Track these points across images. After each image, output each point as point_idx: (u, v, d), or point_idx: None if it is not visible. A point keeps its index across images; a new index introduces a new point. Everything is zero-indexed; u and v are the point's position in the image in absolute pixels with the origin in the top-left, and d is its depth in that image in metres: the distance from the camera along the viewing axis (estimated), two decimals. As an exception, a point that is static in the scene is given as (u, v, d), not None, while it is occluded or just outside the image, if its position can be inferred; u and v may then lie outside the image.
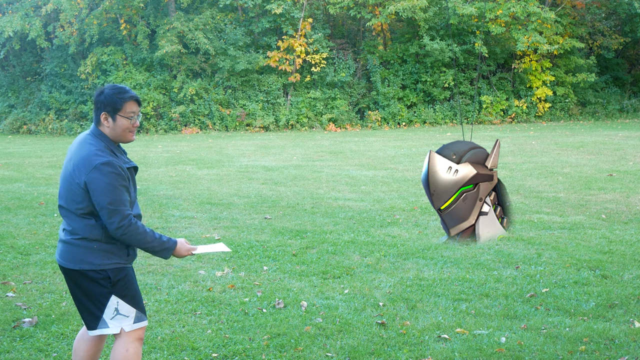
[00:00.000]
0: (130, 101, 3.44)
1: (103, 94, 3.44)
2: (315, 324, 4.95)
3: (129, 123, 3.45)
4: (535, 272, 6.10)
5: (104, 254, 3.42)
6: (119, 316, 3.47)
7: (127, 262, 3.51)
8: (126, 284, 3.49)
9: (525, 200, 9.58)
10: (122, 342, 3.50)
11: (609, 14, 27.20)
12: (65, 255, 3.46)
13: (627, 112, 26.86)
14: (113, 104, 3.42)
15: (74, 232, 3.42)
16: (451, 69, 24.95)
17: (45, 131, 25.51)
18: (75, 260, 3.42)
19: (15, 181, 12.37)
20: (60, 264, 3.50)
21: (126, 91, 3.45)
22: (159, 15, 24.99)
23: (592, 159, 13.97)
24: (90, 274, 3.42)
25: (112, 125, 3.44)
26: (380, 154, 15.81)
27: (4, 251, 7.13)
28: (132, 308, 3.50)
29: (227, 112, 24.29)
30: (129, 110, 3.44)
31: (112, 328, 3.48)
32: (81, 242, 3.41)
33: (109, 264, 3.43)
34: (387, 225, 8.19)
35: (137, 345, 3.52)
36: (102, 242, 3.41)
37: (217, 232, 7.90)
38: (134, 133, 3.50)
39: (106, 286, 3.43)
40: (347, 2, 24.23)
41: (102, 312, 3.46)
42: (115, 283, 3.45)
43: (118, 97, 3.42)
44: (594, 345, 4.51)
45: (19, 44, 25.53)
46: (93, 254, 3.41)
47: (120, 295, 3.46)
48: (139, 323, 3.53)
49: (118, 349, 3.50)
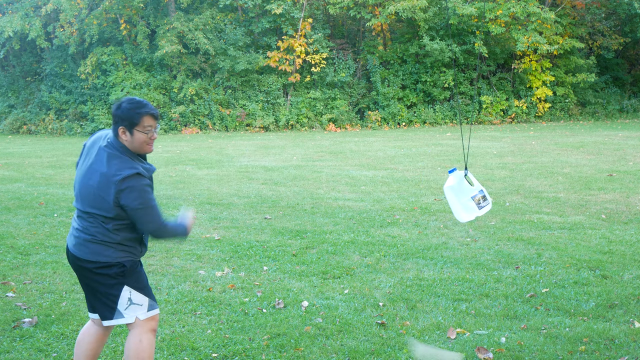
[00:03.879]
0: (147, 115, 3.50)
1: (120, 109, 3.50)
2: (315, 324, 4.95)
3: (146, 137, 3.52)
4: (535, 272, 6.10)
5: (120, 251, 3.55)
6: (133, 305, 3.58)
7: (139, 256, 3.67)
8: (138, 275, 3.63)
9: (525, 200, 9.58)
10: (136, 333, 3.60)
11: (609, 14, 27.19)
12: (81, 248, 3.55)
13: (627, 112, 26.85)
14: (130, 118, 3.48)
15: (93, 234, 3.52)
16: (451, 69, 24.95)
17: (45, 131, 25.51)
18: (91, 252, 3.52)
19: (15, 181, 12.37)
20: (75, 254, 3.57)
21: (143, 105, 3.51)
22: (159, 16, 24.98)
23: (592, 159, 13.97)
24: (104, 268, 3.52)
25: (129, 139, 3.51)
26: (380, 154, 15.81)
27: (4, 251, 7.13)
28: (144, 297, 3.63)
29: (227, 112, 24.29)
30: (146, 124, 3.50)
31: (128, 318, 3.59)
32: (99, 241, 3.53)
33: (124, 257, 3.56)
34: (387, 225, 8.19)
35: (150, 336, 3.62)
36: (119, 244, 3.54)
37: (217, 232, 7.91)
38: (152, 145, 3.58)
39: (118, 278, 3.55)
40: (347, 2, 24.22)
41: (116, 303, 3.57)
42: (128, 274, 3.56)
43: (135, 112, 3.48)
44: (594, 345, 4.51)
45: (19, 44, 25.52)
46: (110, 250, 3.53)
47: (132, 285, 3.59)
48: (153, 311, 3.65)
49: (132, 340, 3.60)
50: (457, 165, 12.83)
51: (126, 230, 3.53)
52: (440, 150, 16.23)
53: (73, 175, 13.02)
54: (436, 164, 13.74)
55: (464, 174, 4.37)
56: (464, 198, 4.36)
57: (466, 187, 4.36)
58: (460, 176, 4.36)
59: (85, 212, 3.53)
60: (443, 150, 16.19)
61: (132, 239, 3.58)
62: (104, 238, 3.50)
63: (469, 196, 4.36)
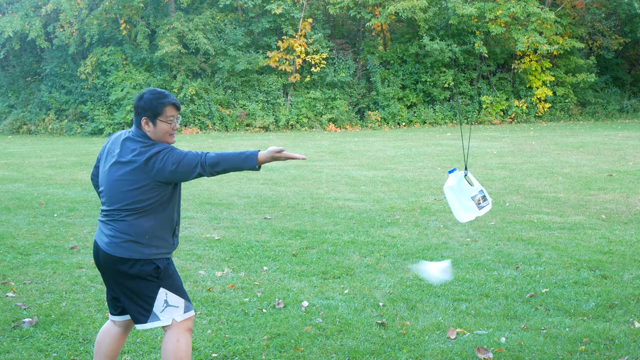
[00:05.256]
0: (169, 105, 3.55)
1: (143, 99, 3.54)
2: (315, 324, 4.95)
3: (168, 127, 3.56)
4: (535, 272, 6.10)
5: (152, 247, 3.53)
6: (169, 308, 3.57)
7: (171, 251, 3.63)
8: (171, 276, 3.61)
9: (525, 201, 9.58)
10: (173, 333, 3.57)
11: (609, 14, 27.19)
12: (113, 247, 3.52)
13: (627, 112, 26.86)
14: (153, 109, 3.52)
15: (124, 232, 3.51)
16: (451, 69, 24.95)
17: (45, 131, 25.51)
18: (124, 250, 3.50)
19: (15, 181, 12.37)
20: (108, 253, 3.53)
21: (165, 96, 3.55)
22: (158, 16, 24.98)
23: (592, 159, 13.97)
24: (138, 267, 3.49)
25: (152, 129, 3.54)
26: (380, 154, 15.81)
27: (4, 251, 7.13)
28: (180, 298, 3.61)
29: (227, 112, 24.29)
30: (168, 114, 3.54)
31: (164, 320, 3.57)
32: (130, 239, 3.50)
33: (156, 254, 3.54)
34: (387, 225, 8.19)
35: (187, 336, 3.60)
36: (151, 236, 3.52)
37: (217, 232, 7.91)
38: (174, 135, 3.61)
39: (154, 280, 3.53)
40: (347, 2, 24.22)
41: (152, 305, 3.54)
42: (163, 275, 3.55)
43: (158, 102, 3.52)
44: (594, 345, 4.51)
45: (19, 44, 25.52)
46: (141, 246, 3.51)
47: (167, 287, 3.57)
48: (189, 312, 3.63)
49: (169, 341, 3.57)
50: (457, 165, 12.83)
51: (157, 215, 3.51)
52: (440, 150, 16.23)
53: (73, 176, 13.02)
54: (436, 164, 13.74)
55: (464, 174, 4.37)
56: (464, 198, 4.36)
57: (466, 188, 4.36)
58: (460, 176, 4.36)
59: (114, 210, 3.52)
60: (443, 150, 16.19)
61: (164, 228, 3.56)
62: (135, 233, 3.49)
63: (469, 196, 4.35)
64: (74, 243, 7.47)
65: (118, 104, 24.28)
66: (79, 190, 11.16)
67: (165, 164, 3.44)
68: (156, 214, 3.52)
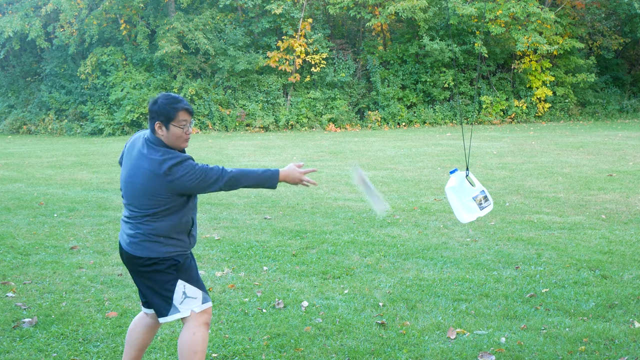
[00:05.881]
0: (182, 110, 3.60)
1: (157, 104, 3.61)
2: (315, 324, 4.95)
3: (181, 132, 3.61)
4: (535, 272, 6.10)
5: (169, 246, 3.62)
6: (188, 299, 3.67)
7: (188, 249, 3.73)
8: (190, 269, 3.71)
9: (525, 201, 9.58)
10: (190, 326, 3.67)
11: (609, 14, 27.18)
12: (133, 245, 3.64)
13: (627, 112, 26.85)
14: (166, 113, 3.58)
15: (142, 232, 3.61)
16: (451, 69, 24.95)
17: (45, 131, 25.51)
18: (143, 249, 3.61)
19: (15, 181, 12.37)
20: (128, 252, 3.65)
21: (179, 101, 3.62)
22: (158, 16, 24.98)
23: (592, 159, 13.97)
24: (156, 265, 3.60)
25: (165, 134, 3.60)
26: (380, 154, 15.81)
27: (4, 251, 7.13)
28: (198, 290, 3.71)
29: (227, 112, 24.28)
30: (181, 119, 3.60)
31: (183, 312, 3.67)
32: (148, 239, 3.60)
33: (173, 252, 3.64)
34: (387, 225, 8.19)
35: (204, 330, 3.69)
36: (168, 237, 3.61)
37: (217, 232, 7.91)
38: (187, 140, 3.67)
39: (172, 273, 3.64)
40: (347, 2, 24.22)
41: (172, 298, 3.65)
42: (180, 268, 3.65)
43: (171, 107, 3.59)
44: (593, 345, 4.51)
45: (19, 44, 25.52)
46: (159, 245, 3.60)
47: (185, 279, 3.67)
48: (207, 303, 3.73)
49: (185, 333, 3.67)
50: (457, 165, 12.83)
51: (173, 218, 3.60)
52: (440, 150, 16.23)
53: (73, 176, 13.02)
54: (436, 164, 13.74)
55: (465, 174, 4.37)
56: (466, 198, 4.36)
57: (467, 188, 4.37)
58: (462, 177, 4.36)
59: (133, 212, 3.62)
60: (443, 150, 16.19)
61: (180, 230, 3.65)
62: (153, 234, 3.58)
63: (470, 197, 4.36)
64: (73, 243, 7.48)
65: (118, 104, 24.28)
66: (79, 190, 11.16)
67: (184, 177, 3.52)
68: (172, 217, 3.61)
